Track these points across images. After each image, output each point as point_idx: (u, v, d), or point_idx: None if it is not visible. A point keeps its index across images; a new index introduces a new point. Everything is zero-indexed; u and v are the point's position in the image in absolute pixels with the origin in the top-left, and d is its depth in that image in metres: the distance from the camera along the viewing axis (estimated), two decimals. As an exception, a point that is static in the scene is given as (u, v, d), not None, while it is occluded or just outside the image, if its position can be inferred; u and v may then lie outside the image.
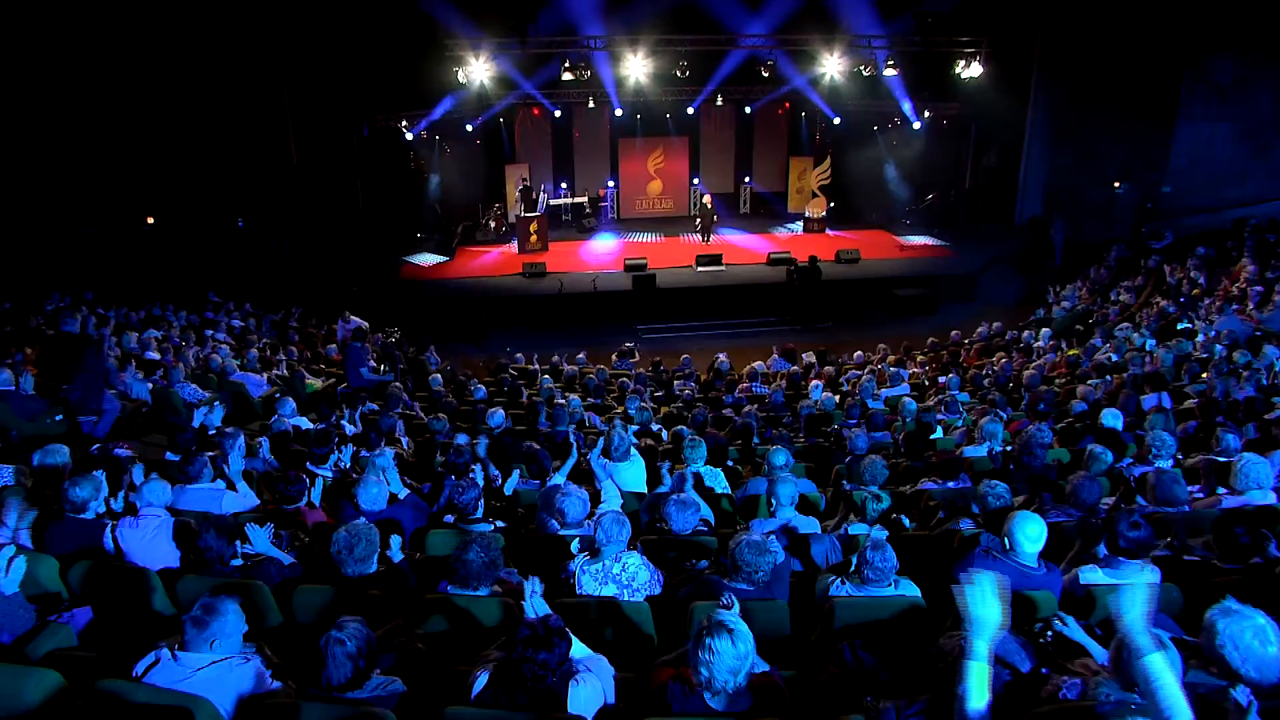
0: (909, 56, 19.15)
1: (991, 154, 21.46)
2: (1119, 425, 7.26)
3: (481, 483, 5.26)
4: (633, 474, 6.09)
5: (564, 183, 23.79)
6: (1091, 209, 21.22)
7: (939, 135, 21.73)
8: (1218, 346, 11.60)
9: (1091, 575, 3.91)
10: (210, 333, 14.45)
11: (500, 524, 4.92)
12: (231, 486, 5.41)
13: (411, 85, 19.99)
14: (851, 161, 23.29)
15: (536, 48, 18.41)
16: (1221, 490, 5.44)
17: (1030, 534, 3.79)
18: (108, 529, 4.38)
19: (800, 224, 22.27)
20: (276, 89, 19.23)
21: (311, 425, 8.78)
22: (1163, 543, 4.16)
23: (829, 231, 21.74)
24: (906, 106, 20.73)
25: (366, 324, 14.36)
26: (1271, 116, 20.18)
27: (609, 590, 3.98)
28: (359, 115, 19.91)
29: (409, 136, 20.52)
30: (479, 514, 4.83)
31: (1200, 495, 5.53)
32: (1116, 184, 21.28)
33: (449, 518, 4.88)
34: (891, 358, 13.80)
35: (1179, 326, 12.86)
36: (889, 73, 18.54)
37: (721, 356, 13.87)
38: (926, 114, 21.14)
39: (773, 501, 4.94)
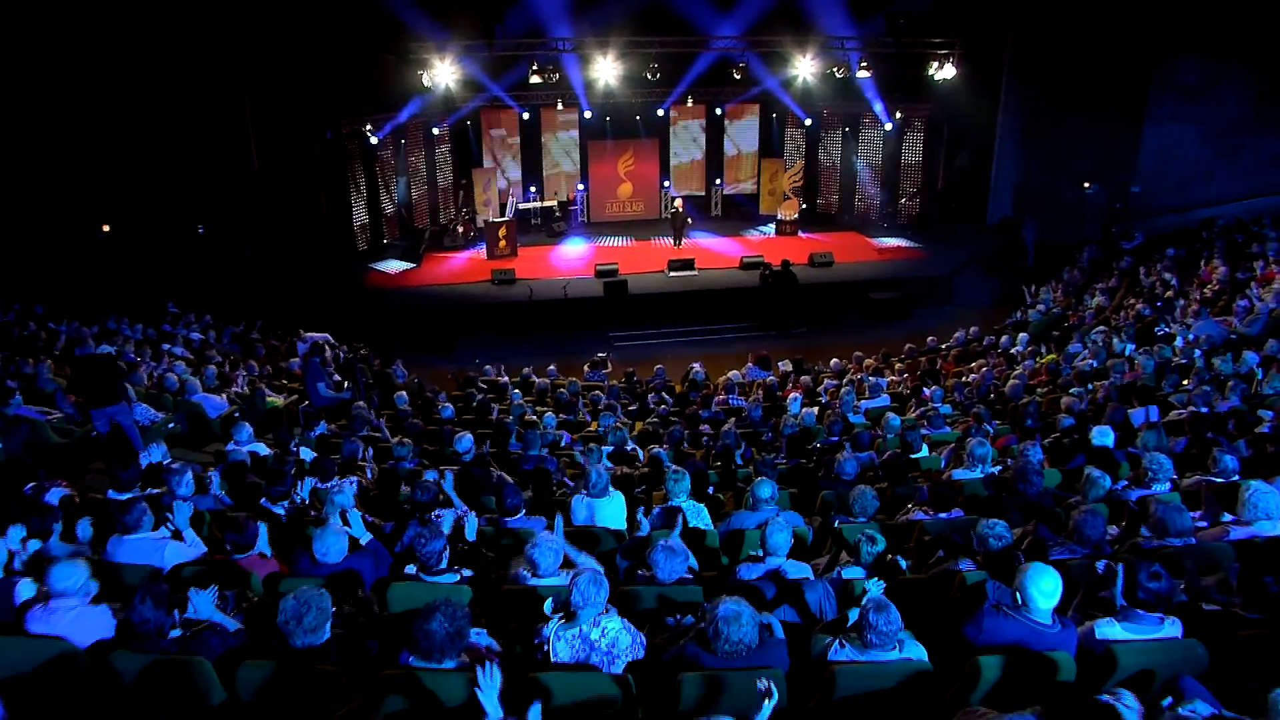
0: (882, 58, 18.96)
1: (963, 155, 21.36)
2: (1110, 443, 7.04)
3: (448, 529, 4.90)
4: (612, 511, 5.75)
5: (533, 186, 23.37)
6: (1062, 209, 21.22)
7: (912, 136, 21.59)
8: (1196, 352, 11.51)
9: (1109, 630, 3.63)
10: (167, 347, 13.91)
11: (467, 573, 4.55)
12: (177, 535, 4.98)
13: (375, 88, 19.49)
14: (824, 163, 23.11)
15: (503, 50, 17.96)
16: (1227, 517, 5.21)
17: (1045, 589, 3.50)
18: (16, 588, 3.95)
19: (773, 226, 22.02)
20: (236, 92, 18.63)
21: (269, 451, 8.35)
22: (1179, 586, 3.88)
23: (801, 234, 21.52)
24: (878, 108, 20.57)
25: (326, 337, 13.90)
26: (1237, 118, 20.33)
27: (590, 656, 3.64)
28: (322, 119, 19.35)
29: (373, 141, 20.01)
30: (444, 564, 4.46)
31: (1203, 524, 5.29)
32: (1086, 184, 21.29)
33: (411, 567, 4.51)
34: (868, 361, 13.60)
35: (1157, 331, 12.74)
36: (862, 74, 18.34)
37: (696, 366, 13.59)
38: (898, 115, 20.99)
39: (764, 546, 4.61)
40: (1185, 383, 9.85)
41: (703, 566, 5.30)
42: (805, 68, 18.55)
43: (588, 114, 21.77)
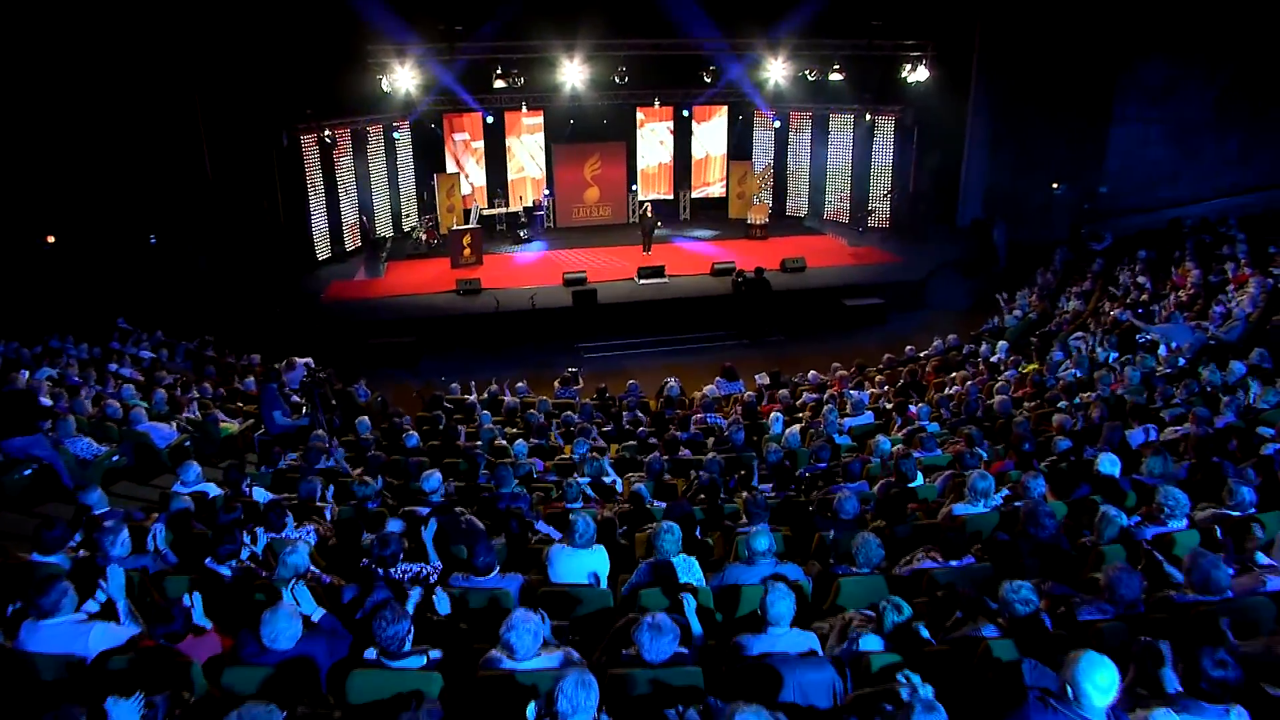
0: (854, 60, 18.62)
1: (933, 156, 21.15)
2: (1115, 472, 6.69)
3: (415, 597, 4.40)
4: (594, 564, 5.27)
5: (497, 190, 22.77)
6: (1031, 210, 21.14)
7: (882, 139, 21.32)
8: (1180, 360, 11.31)
9: (1166, 724, 3.22)
10: (115, 367, 13.18)
11: (435, 654, 4.05)
12: (107, 611, 4.40)
13: (334, 92, 18.83)
14: (792, 166, 22.79)
15: (467, 53, 17.34)
16: (1263, 560, 4.86)
17: (1102, 685, 3.09)
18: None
19: (743, 231, 21.64)
20: (188, 94, 17.85)
21: (220, 491, 7.75)
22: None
23: (771, 238, 21.16)
24: (850, 110, 20.28)
25: (308, 363, 13.23)
26: (1201, 119, 20.38)
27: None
28: (277, 124, 18.62)
29: (332, 146, 19.31)
30: (408, 647, 3.96)
31: (1230, 571, 4.93)
32: (1055, 185, 21.22)
33: (371, 652, 3.99)
34: (842, 371, 13.23)
35: (1139, 339, 12.52)
36: (835, 77, 17.99)
37: (671, 382, 13.14)
38: (869, 117, 20.72)
39: (765, 613, 4.16)
40: (1176, 398, 9.58)
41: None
42: (777, 70, 18.19)
43: (553, 117, 21.28)
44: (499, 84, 17.33)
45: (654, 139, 23.20)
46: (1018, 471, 7.69)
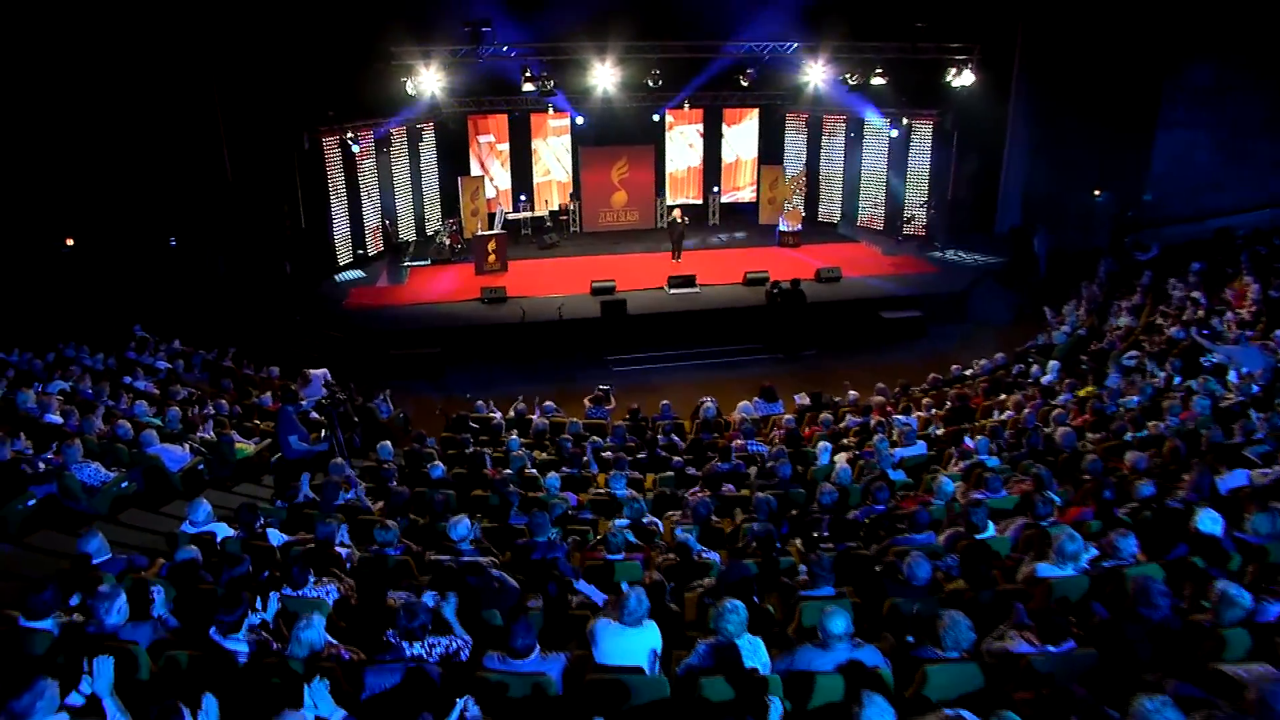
0: (896, 63, 17.89)
1: (971, 162, 20.42)
2: (1218, 531, 6.03)
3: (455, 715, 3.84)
4: (645, 642, 4.69)
5: (522, 195, 22.24)
6: (1070, 217, 20.44)
7: (919, 143, 20.60)
8: (1253, 388, 10.59)
9: None
10: (129, 379, 12.72)
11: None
12: (90, 708, 3.85)
13: (357, 94, 18.38)
14: (825, 171, 22.10)
15: (494, 56, 16.78)
16: None
17: None
18: None
19: (775, 237, 20.98)
20: (209, 96, 17.44)
21: (232, 533, 7.22)
22: None
23: (805, 245, 20.50)
24: (886, 114, 19.58)
25: (324, 374, 12.74)
26: (1250, 123, 19.58)
27: None
28: (299, 126, 18.18)
29: (355, 149, 18.84)
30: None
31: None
32: (1096, 191, 20.45)
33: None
34: (886, 394, 12.56)
35: (1204, 362, 11.78)
36: (877, 81, 17.29)
37: (708, 402, 12.47)
38: (905, 121, 20.00)
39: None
40: (1257, 430, 8.87)
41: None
42: (816, 74, 17.51)
43: (579, 120, 20.69)
44: (527, 87, 16.72)
45: (683, 142, 22.58)
46: (1098, 522, 7.06)
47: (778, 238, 20.74)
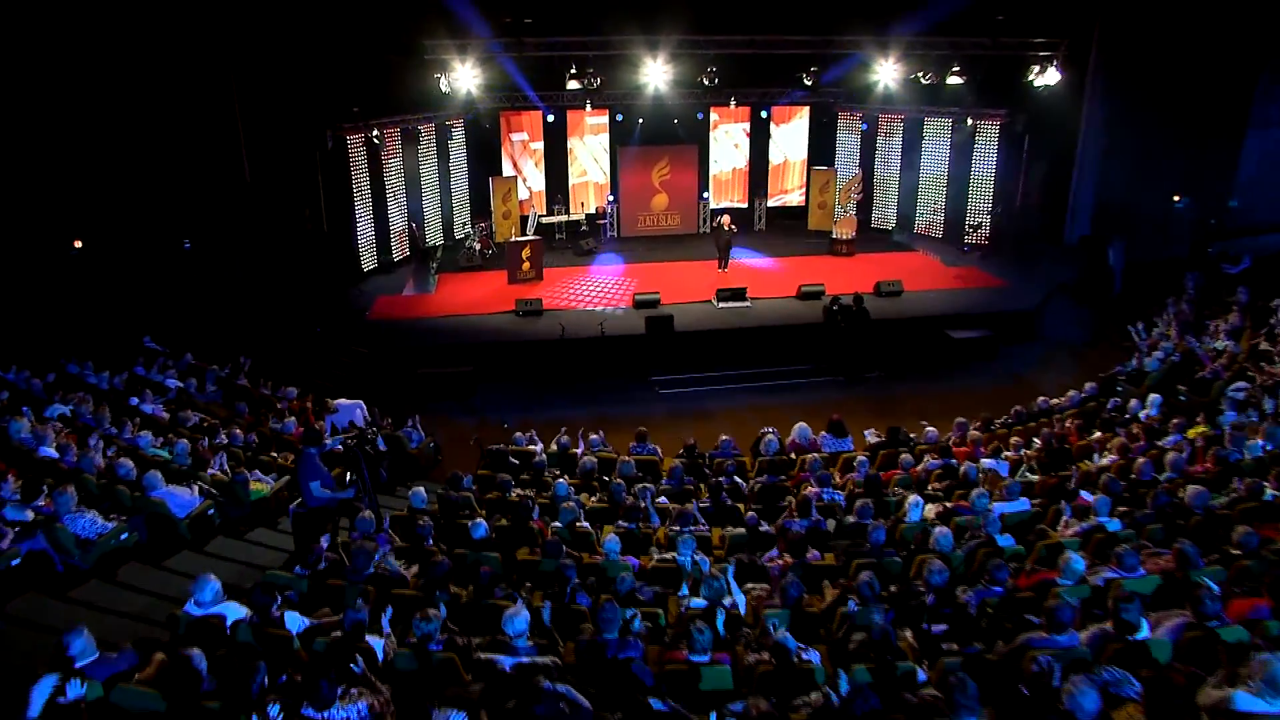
0: (968, 60, 16.47)
1: (1040, 166, 19.03)
2: None
3: None
4: None
5: (557, 197, 21.06)
6: (1147, 226, 18.99)
7: (984, 145, 19.19)
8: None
9: None
10: (135, 401, 11.68)
11: None
12: None
13: (384, 89, 17.32)
14: (883, 174, 20.76)
15: (535, 50, 15.53)
16: None
17: None
18: None
19: (826, 245, 19.70)
20: (226, 91, 16.42)
21: (243, 612, 6.10)
22: None
23: (859, 255, 19.20)
24: (950, 114, 18.22)
25: (359, 405, 11.67)
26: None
27: None
28: (321, 124, 17.07)
29: (381, 148, 17.71)
30: None
31: None
32: (1176, 197, 19.01)
33: None
34: (975, 432, 11.24)
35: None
36: (953, 80, 15.91)
37: (769, 435, 11.25)
38: (971, 122, 18.61)
39: None
40: None
41: None
42: (887, 72, 16.17)
43: (619, 117, 19.49)
44: (572, 85, 15.39)
45: (728, 142, 21.31)
46: (1277, 623, 5.80)
47: (831, 246, 19.45)
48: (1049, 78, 15.88)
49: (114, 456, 9.38)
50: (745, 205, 21.58)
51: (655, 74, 15.71)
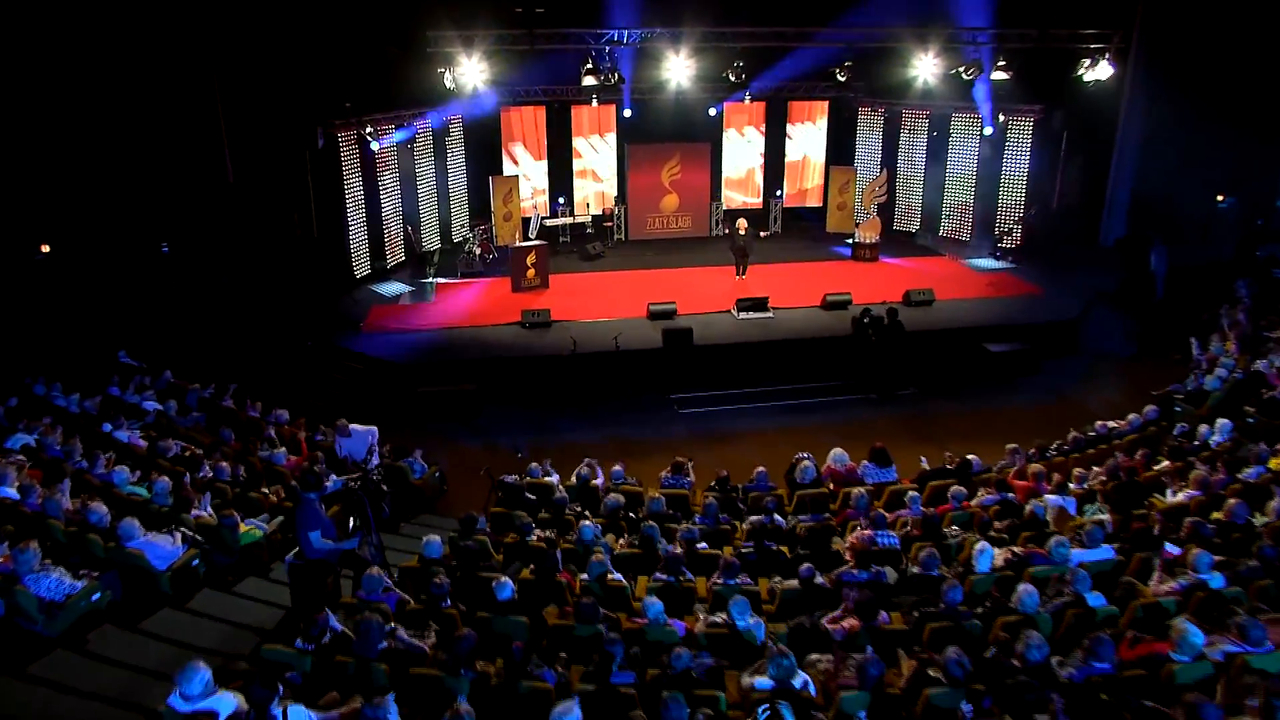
0: (1018, 54, 15.37)
1: (1075, 164, 18.05)
2: None
3: None
4: None
5: (560, 197, 20.01)
6: (1187, 226, 18.08)
7: (1016, 143, 18.14)
8: None
9: None
10: (109, 428, 10.58)
11: None
12: None
13: (379, 83, 16.29)
14: (907, 173, 19.74)
15: (546, 42, 14.42)
16: None
17: None
18: None
19: (848, 249, 18.69)
20: (206, 83, 15.33)
21: (236, 705, 5.07)
22: None
23: (883, 259, 18.20)
24: (983, 110, 17.20)
25: (372, 432, 10.66)
26: None
27: None
28: (312, 120, 15.98)
29: (374, 147, 16.62)
30: None
31: None
32: (1220, 197, 18.08)
33: None
34: (1037, 466, 10.23)
35: None
36: (998, 76, 14.84)
37: (805, 461, 10.23)
38: (1002, 118, 17.57)
39: None
40: None
41: None
42: (926, 67, 15.13)
43: (627, 112, 18.41)
44: (589, 80, 14.21)
45: (742, 139, 20.26)
46: None
47: (854, 250, 18.43)
48: (1100, 72, 14.78)
49: (85, 499, 8.31)
50: (759, 205, 20.55)
51: (677, 69, 14.61)
